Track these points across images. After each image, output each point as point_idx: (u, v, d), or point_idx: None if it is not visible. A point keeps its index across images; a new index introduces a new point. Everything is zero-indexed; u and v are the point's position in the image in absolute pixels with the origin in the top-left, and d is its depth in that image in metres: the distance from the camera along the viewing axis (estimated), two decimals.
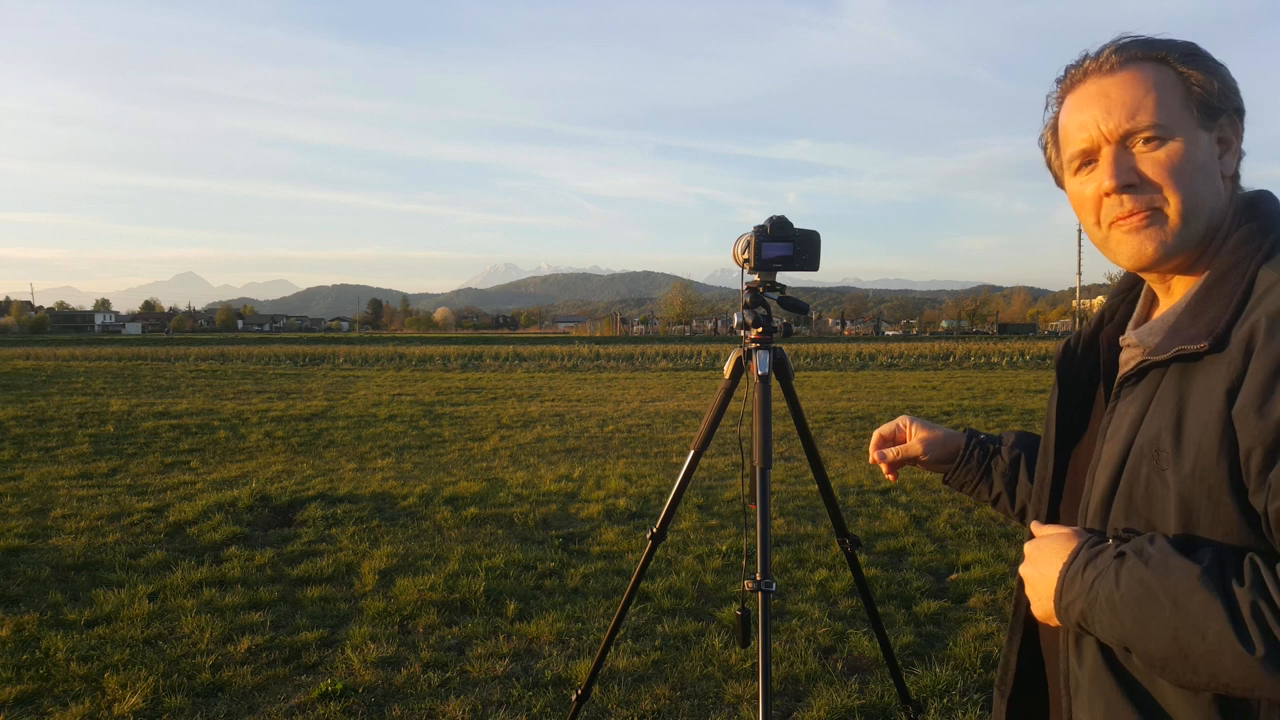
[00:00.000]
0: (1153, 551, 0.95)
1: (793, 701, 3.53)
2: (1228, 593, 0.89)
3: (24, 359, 28.52)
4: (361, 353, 34.00)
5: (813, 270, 2.31)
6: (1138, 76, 1.06)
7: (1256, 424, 0.91)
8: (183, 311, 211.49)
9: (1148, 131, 1.04)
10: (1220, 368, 0.97)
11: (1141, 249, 1.06)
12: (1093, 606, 0.98)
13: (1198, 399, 0.98)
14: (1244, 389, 0.93)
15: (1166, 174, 1.03)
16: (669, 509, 2.56)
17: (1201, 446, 0.96)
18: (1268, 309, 0.95)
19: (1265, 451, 0.91)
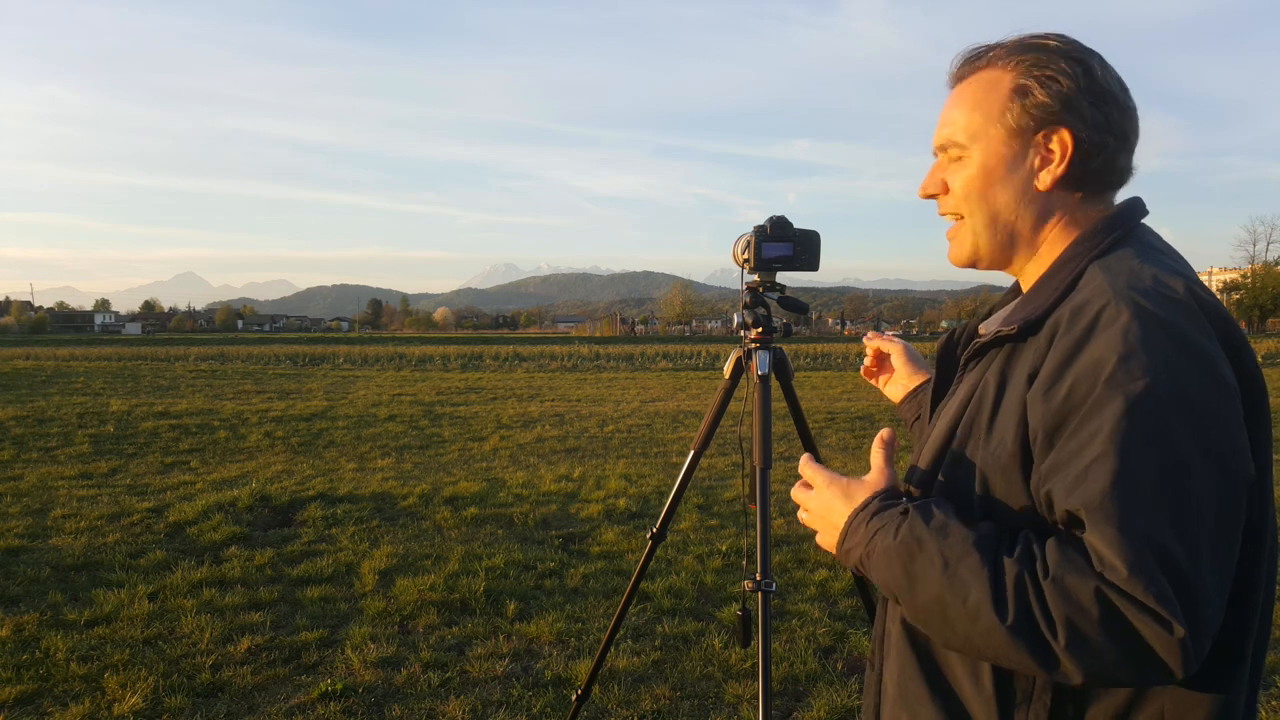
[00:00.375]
0: (936, 513, 0.99)
1: (793, 701, 3.53)
2: (996, 561, 0.92)
3: (24, 359, 28.51)
4: (361, 353, 34.00)
5: (813, 270, 2.31)
6: (966, 89, 1.12)
7: (1041, 407, 0.96)
8: (183, 311, 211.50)
9: (953, 147, 1.12)
10: (1029, 353, 1.02)
11: (951, 253, 1.17)
12: (870, 555, 1.02)
13: (1012, 382, 1.03)
14: (1040, 374, 0.98)
15: (963, 186, 1.12)
16: (669, 509, 2.56)
17: (1005, 427, 1.01)
18: (1075, 301, 1.00)
19: (1045, 435, 0.95)
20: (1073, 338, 0.96)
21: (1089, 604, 0.86)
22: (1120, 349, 0.91)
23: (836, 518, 1.10)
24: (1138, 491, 0.87)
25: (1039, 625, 0.88)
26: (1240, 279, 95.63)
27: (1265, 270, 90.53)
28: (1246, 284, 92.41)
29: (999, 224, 1.11)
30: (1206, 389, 0.91)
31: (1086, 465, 0.89)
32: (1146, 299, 0.95)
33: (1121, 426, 0.88)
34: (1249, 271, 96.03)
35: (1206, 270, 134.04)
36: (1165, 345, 0.91)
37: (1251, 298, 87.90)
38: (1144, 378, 0.89)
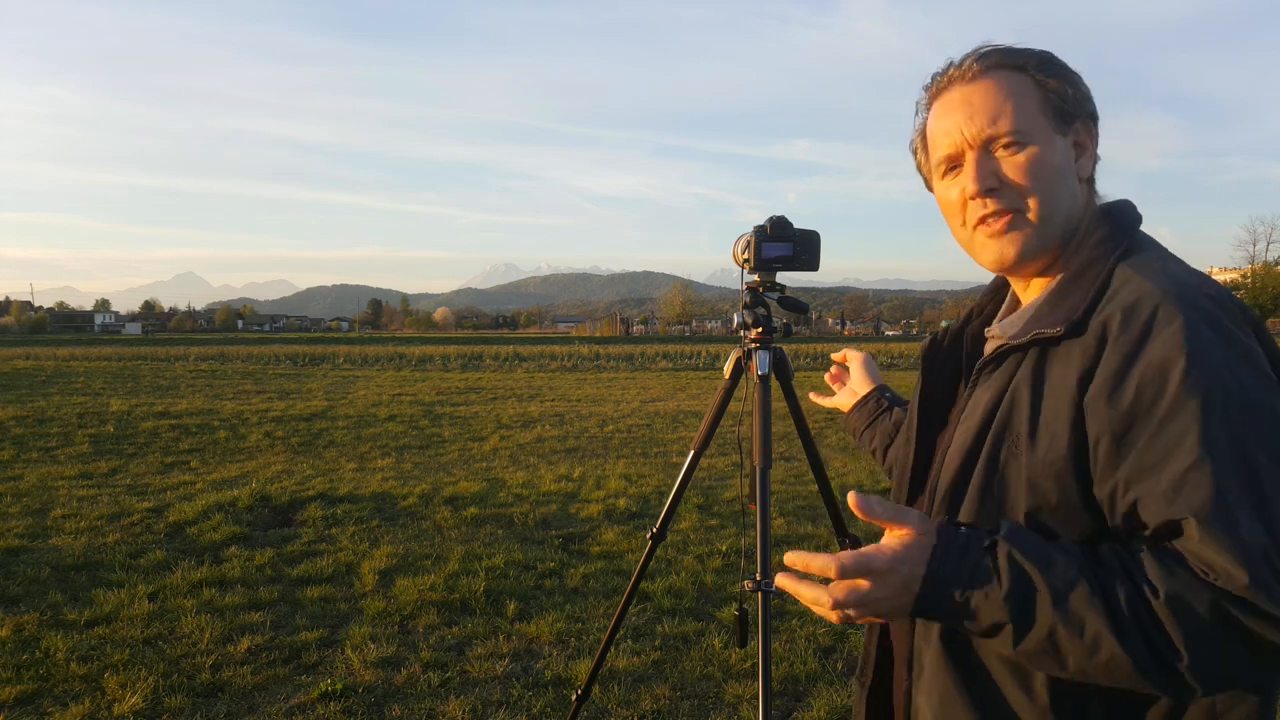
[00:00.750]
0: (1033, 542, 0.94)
1: (793, 701, 3.53)
2: (1107, 588, 0.89)
3: (24, 359, 28.51)
4: (361, 353, 34.00)
5: (813, 270, 2.31)
6: (997, 84, 1.09)
7: (1106, 411, 0.94)
8: (183, 311, 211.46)
9: (1007, 137, 1.07)
10: (1075, 355, 0.99)
11: (1003, 251, 1.09)
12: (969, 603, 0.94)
13: (1053, 385, 1.01)
14: (1096, 378, 0.96)
15: (1026, 177, 1.07)
16: (669, 509, 2.56)
17: (1054, 432, 0.98)
18: (1123, 302, 0.98)
19: (1113, 439, 0.93)
20: (1130, 339, 0.95)
21: (1210, 618, 0.85)
22: (1186, 349, 0.91)
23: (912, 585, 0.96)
24: (1239, 499, 0.86)
25: (1160, 648, 0.86)
26: (1240, 279, 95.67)
27: (1265, 270, 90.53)
28: (1246, 284, 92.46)
29: (1061, 215, 1.09)
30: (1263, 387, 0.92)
31: (1182, 473, 0.88)
32: (1195, 299, 0.95)
33: (1208, 431, 0.88)
34: (1249, 271, 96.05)
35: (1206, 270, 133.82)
36: (1223, 346, 0.92)
37: (1251, 298, 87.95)
38: (1216, 379, 0.90)
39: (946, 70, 1.13)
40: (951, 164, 1.13)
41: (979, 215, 1.10)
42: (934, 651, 1.09)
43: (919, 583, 0.96)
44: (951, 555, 0.96)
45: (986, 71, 1.10)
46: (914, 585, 0.96)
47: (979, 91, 1.10)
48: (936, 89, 1.15)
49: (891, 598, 0.97)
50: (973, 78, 1.11)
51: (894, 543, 0.98)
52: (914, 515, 0.99)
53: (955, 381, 1.23)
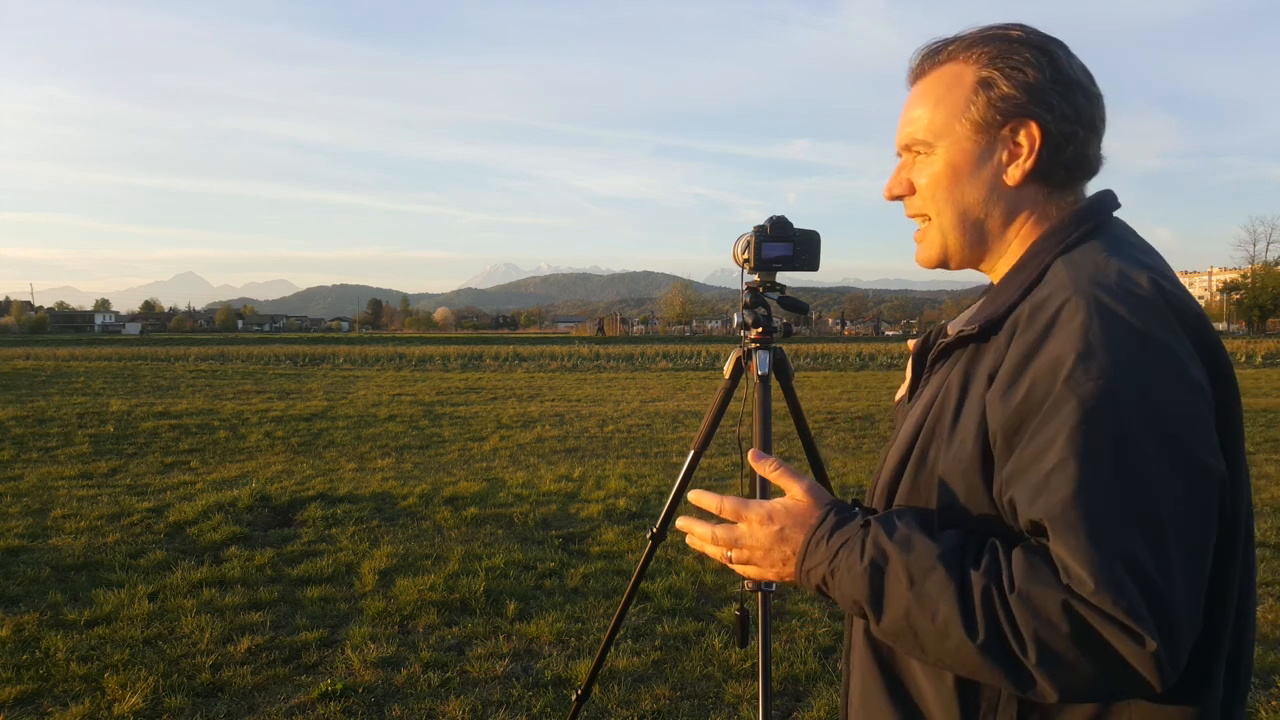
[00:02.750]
0: (899, 525, 0.95)
1: (793, 701, 3.53)
2: (963, 575, 0.88)
3: (24, 359, 28.51)
4: (361, 353, 33.99)
5: (813, 270, 2.31)
6: (927, 86, 1.08)
7: (999, 408, 0.92)
8: (183, 311, 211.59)
9: (918, 144, 1.09)
10: (990, 352, 0.99)
11: (919, 254, 1.13)
12: (834, 573, 0.97)
13: (974, 382, 1.00)
14: (999, 374, 0.95)
15: (928, 187, 1.08)
16: (669, 509, 2.56)
17: (966, 430, 0.98)
18: (1035, 298, 0.96)
19: (1004, 437, 0.92)
20: (1031, 335, 0.92)
21: (1057, 618, 0.82)
22: (1079, 346, 0.88)
23: (788, 544, 1.02)
24: (1101, 499, 0.83)
25: (1009, 641, 0.85)
26: (1240, 279, 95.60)
27: (1265, 270, 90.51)
28: (1246, 284, 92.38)
29: (968, 222, 1.07)
30: (1170, 387, 0.87)
31: (1047, 472, 0.86)
32: (1108, 294, 0.91)
33: (1081, 430, 0.85)
34: (1249, 271, 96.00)
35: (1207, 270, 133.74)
36: (1126, 342, 0.88)
37: (1251, 298, 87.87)
38: (1102, 377, 0.86)
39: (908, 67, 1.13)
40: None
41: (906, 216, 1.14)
42: (859, 639, 1.11)
43: (794, 545, 1.01)
44: (827, 526, 1.00)
45: (926, 70, 1.09)
46: (788, 546, 1.02)
47: (913, 93, 1.10)
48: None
49: (764, 549, 1.04)
50: (917, 76, 1.11)
51: (781, 500, 1.06)
52: (808, 481, 1.05)
53: None
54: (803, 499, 1.05)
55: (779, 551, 1.03)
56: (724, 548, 1.09)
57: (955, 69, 1.06)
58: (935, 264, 1.12)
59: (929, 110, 1.07)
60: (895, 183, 1.12)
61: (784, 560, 1.03)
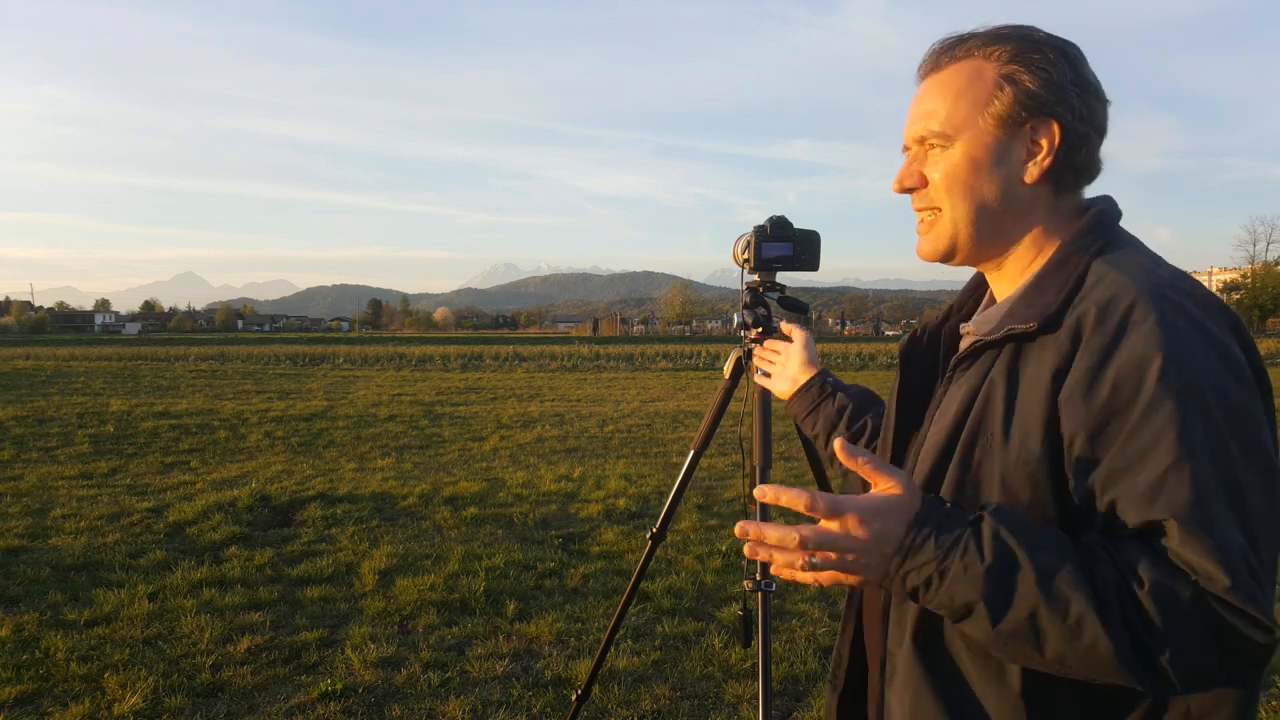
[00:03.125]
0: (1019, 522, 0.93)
1: (793, 701, 3.53)
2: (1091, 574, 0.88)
3: (24, 359, 28.51)
4: (361, 353, 33.99)
5: (813, 270, 2.31)
6: (945, 80, 1.08)
7: (1082, 409, 0.93)
8: (183, 311, 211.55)
9: (935, 137, 1.08)
10: (1048, 352, 0.98)
11: (923, 247, 1.12)
12: (944, 574, 0.91)
13: (1027, 382, 0.99)
14: (1070, 375, 0.95)
15: (944, 179, 1.08)
16: (669, 509, 2.56)
17: (1027, 430, 0.97)
18: (1098, 298, 0.97)
19: (1088, 437, 0.93)
20: (1105, 336, 0.93)
21: (1191, 614, 0.85)
22: (1164, 347, 0.90)
23: (888, 543, 0.93)
24: (1217, 499, 0.86)
25: (1142, 637, 0.86)
26: (1240, 279, 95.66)
27: (1265, 270, 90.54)
28: (1246, 284, 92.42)
29: (984, 217, 1.08)
30: (1239, 385, 0.92)
31: (1162, 473, 0.88)
32: (1173, 294, 0.94)
33: (1186, 431, 0.88)
34: (1249, 271, 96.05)
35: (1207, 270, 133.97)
36: (1200, 343, 0.91)
37: (1251, 298, 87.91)
38: (1193, 378, 0.89)
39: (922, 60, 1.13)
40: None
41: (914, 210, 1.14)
42: (906, 651, 1.07)
43: (896, 544, 0.93)
44: (933, 521, 0.93)
45: (943, 64, 1.09)
46: (889, 546, 0.93)
47: (929, 87, 1.10)
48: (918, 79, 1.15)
49: (863, 551, 0.93)
50: (932, 70, 1.11)
51: (876, 495, 0.95)
52: (903, 474, 0.96)
53: (933, 379, 1.21)
54: (899, 491, 0.95)
55: (878, 552, 0.93)
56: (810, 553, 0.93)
57: (975, 64, 1.07)
58: (940, 257, 1.12)
59: (948, 104, 1.07)
60: (907, 174, 1.11)
61: (883, 560, 0.94)
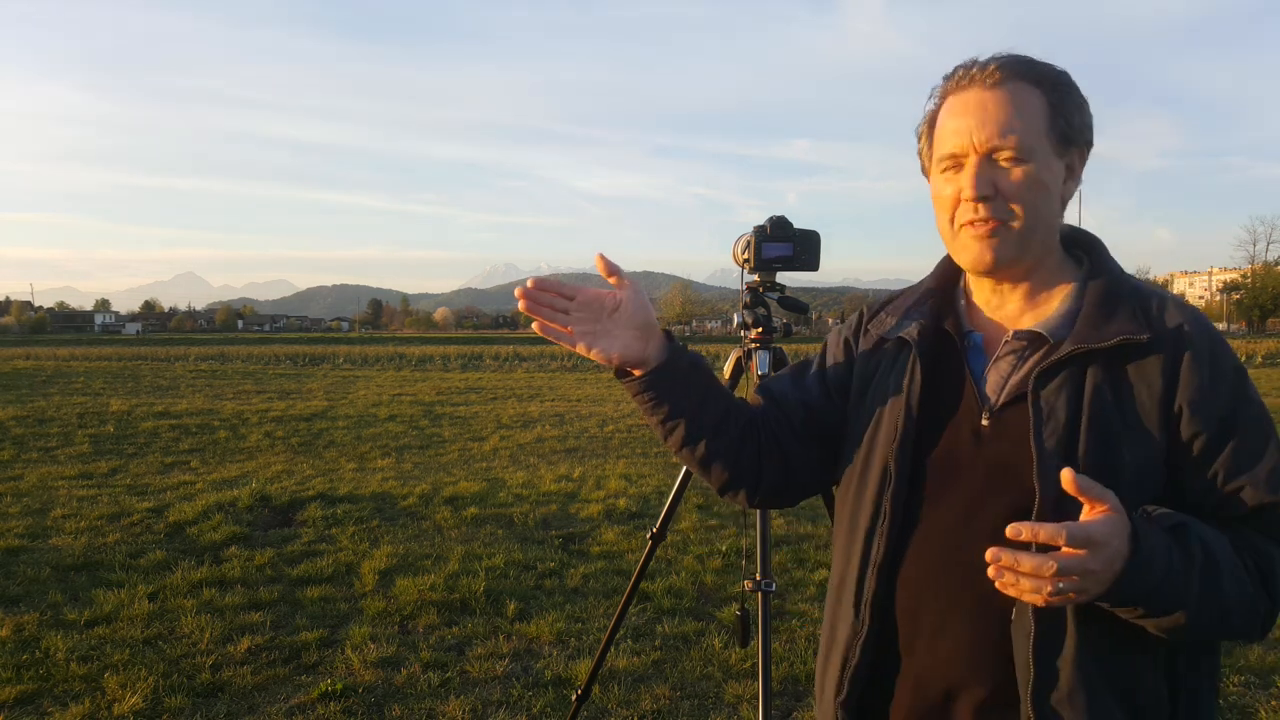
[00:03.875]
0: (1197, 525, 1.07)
1: (793, 701, 3.53)
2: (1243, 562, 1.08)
3: (24, 359, 28.52)
4: (361, 353, 34.00)
5: (813, 270, 2.31)
6: (1013, 97, 1.14)
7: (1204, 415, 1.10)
8: (183, 311, 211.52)
9: (1012, 151, 1.12)
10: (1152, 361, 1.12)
11: (983, 254, 1.16)
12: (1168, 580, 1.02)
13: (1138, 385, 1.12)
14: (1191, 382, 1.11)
15: (1020, 192, 1.13)
16: (669, 509, 2.56)
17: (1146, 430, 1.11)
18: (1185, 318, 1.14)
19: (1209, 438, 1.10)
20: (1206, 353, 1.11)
21: None
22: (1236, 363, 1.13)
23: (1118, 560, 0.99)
24: None
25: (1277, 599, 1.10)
26: (1240, 279, 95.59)
27: (1265, 270, 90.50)
28: (1246, 284, 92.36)
29: (1042, 231, 1.17)
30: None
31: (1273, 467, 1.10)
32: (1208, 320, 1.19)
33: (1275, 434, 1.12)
34: (1249, 271, 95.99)
35: (1207, 270, 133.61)
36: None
37: (1251, 298, 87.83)
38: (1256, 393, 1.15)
39: (969, 68, 1.16)
40: (954, 162, 1.16)
41: (968, 218, 1.16)
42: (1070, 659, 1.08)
43: (1123, 560, 1.00)
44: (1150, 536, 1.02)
45: (1005, 81, 1.14)
46: (1118, 563, 1.00)
47: (994, 100, 1.13)
48: (955, 84, 1.18)
49: (1101, 571, 0.99)
50: (993, 84, 1.14)
51: (1101, 518, 0.99)
52: (1112, 495, 1.00)
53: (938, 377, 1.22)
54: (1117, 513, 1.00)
55: (1110, 571, 0.99)
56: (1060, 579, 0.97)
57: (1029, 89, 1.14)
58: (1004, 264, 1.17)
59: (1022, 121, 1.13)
60: (985, 183, 1.14)
61: (1113, 577, 1.00)
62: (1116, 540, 0.99)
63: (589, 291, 1.30)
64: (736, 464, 1.35)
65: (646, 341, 1.30)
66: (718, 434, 1.33)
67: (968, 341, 1.24)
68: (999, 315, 1.24)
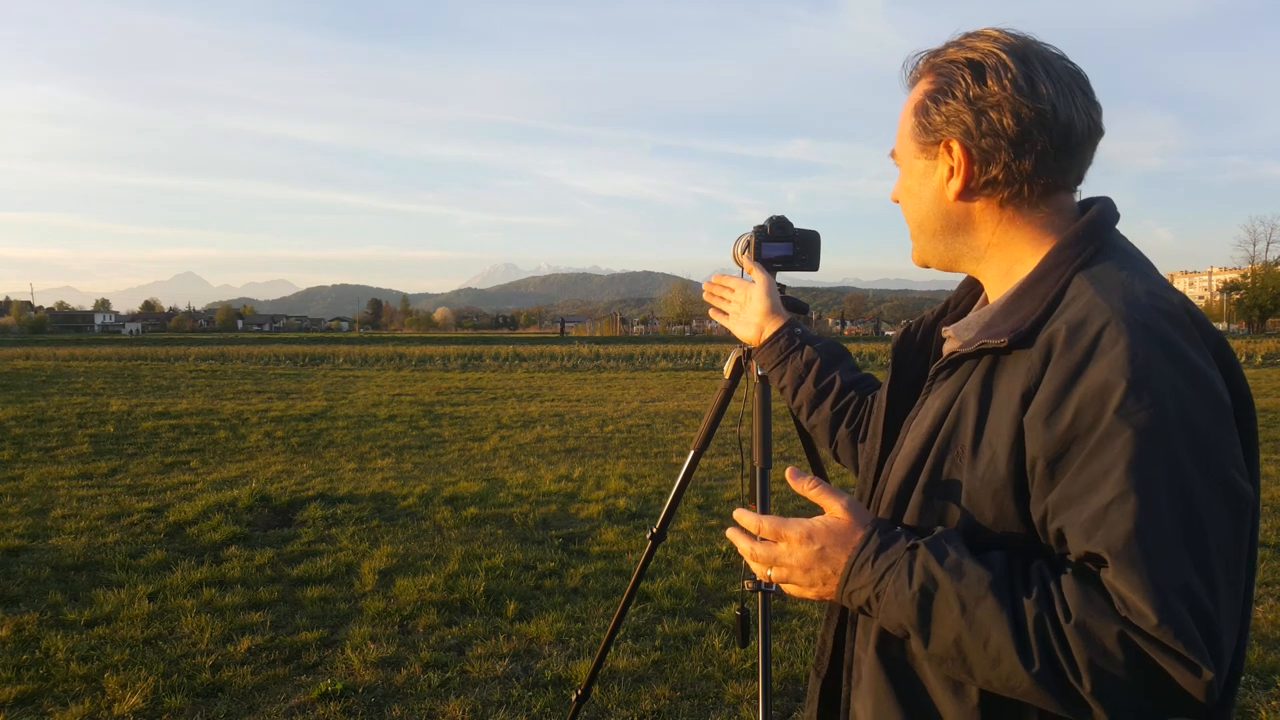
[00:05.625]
0: (949, 550, 0.95)
1: (793, 701, 3.53)
2: (1015, 603, 0.89)
3: (24, 359, 28.51)
4: (361, 353, 33.99)
5: (813, 270, 2.30)
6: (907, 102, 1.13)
7: (1043, 434, 0.92)
8: (183, 311, 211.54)
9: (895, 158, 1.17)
10: (1020, 370, 0.98)
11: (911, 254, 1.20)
12: (879, 596, 0.98)
13: (998, 399, 1.00)
14: (1037, 397, 0.94)
15: (900, 197, 1.17)
16: (669, 509, 2.56)
17: (995, 448, 0.98)
18: (1069, 318, 0.95)
19: (1047, 463, 0.92)
20: (1073, 359, 0.92)
21: (1115, 650, 0.84)
22: (1127, 374, 0.88)
23: (828, 563, 1.03)
24: (1160, 533, 0.85)
25: (1063, 669, 0.86)
26: (1240, 279, 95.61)
27: (1265, 270, 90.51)
28: (1246, 284, 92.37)
29: (926, 233, 1.15)
30: (1210, 413, 0.89)
31: (1105, 505, 0.87)
32: (1146, 318, 0.92)
33: (1137, 463, 0.86)
34: (1249, 271, 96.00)
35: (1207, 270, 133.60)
36: (1170, 370, 0.89)
37: (1251, 298, 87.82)
38: (1154, 407, 0.87)
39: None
40: None
41: None
42: (870, 658, 1.09)
43: (835, 565, 1.02)
44: (871, 547, 1.00)
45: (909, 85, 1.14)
46: (829, 565, 1.02)
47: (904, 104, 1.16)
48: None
49: (802, 567, 1.04)
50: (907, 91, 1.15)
51: (821, 519, 1.06)
52: (848, 499, 1.05)
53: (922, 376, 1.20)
54: (843, 517, 1.05)
55: (819, 571, 1.04)
56: (763, 565, 1.09)
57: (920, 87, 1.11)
58: (920, 265, 1.19)
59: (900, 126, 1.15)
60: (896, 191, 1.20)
61: (824, 579, 1.04)
62: (822, 542, 1.03)
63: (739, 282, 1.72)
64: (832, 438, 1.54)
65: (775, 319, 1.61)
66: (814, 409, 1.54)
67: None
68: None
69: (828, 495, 1.06)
